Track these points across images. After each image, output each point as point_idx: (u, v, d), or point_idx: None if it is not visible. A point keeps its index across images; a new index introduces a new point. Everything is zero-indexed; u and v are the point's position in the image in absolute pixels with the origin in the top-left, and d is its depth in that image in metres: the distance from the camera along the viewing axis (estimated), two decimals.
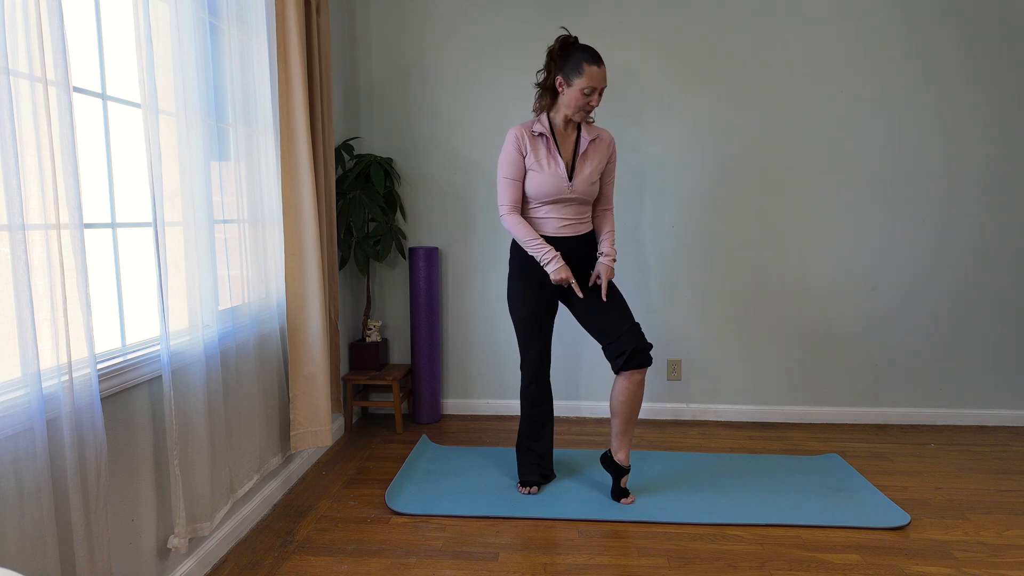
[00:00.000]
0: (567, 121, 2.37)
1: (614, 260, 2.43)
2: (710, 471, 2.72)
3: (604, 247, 2.46)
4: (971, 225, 3.26)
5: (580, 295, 2.35)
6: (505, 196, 2.36)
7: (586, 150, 2.37)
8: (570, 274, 2.32)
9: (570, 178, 2.35)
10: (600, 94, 2.27)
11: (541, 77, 2.41)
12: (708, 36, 3.25)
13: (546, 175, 2.32)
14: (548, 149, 2.35)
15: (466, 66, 3.36)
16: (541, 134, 2.35)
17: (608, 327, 2.36)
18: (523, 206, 2.41)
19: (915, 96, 3.21)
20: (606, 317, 2.37)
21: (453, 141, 3.41)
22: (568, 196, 2.35)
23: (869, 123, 3.24)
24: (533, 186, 2.34)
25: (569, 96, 2.27)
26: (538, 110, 2.41)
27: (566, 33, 2.36)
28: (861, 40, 3.20)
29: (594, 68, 2.22)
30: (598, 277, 2.40)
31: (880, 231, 3.29)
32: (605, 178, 2.49)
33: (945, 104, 3.21)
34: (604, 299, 2.36)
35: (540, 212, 2.38)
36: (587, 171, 2.37)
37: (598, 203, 2.53)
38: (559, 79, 2.29)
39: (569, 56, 2.26)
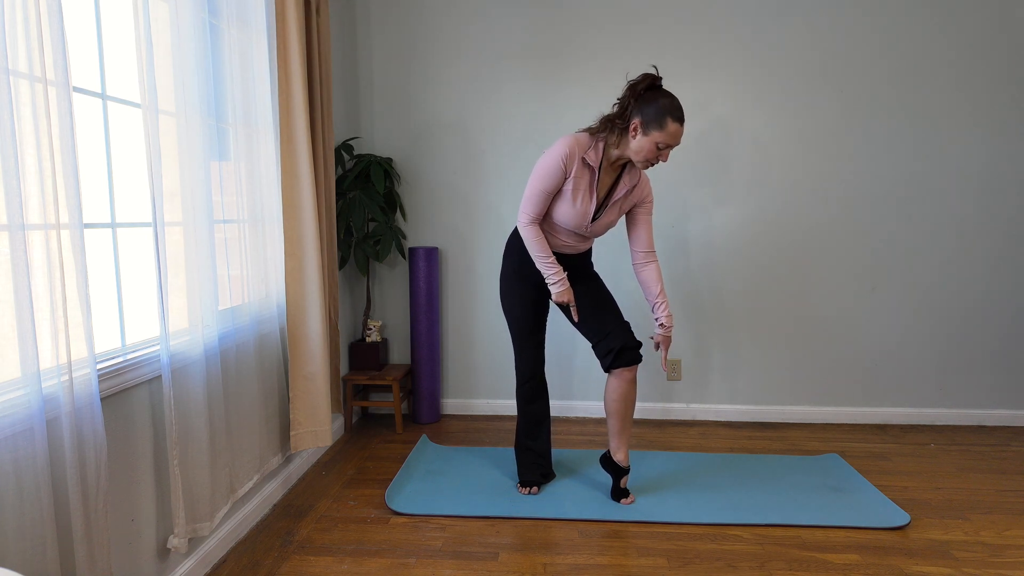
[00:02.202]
0: (618, 160, 2.24)
1: (671, 328, 2.35)
2: (710, 471, 2.72)
3: (660, 313, 2.34)
4: (971, 225, 3.26)
5: (576, 319, 2.34)
6: (532, 206, 2.25)
7: (620, 198, 2.30)
8: (572, 297, 2.30)
9: (593, 218, 2.30)
10: (671, 149, 2.15)
11: (615, 108, 2.20)
12: (707, 35, 3.25)
13: (574, 210, 2.24)
14: (589, 184, 2.23)
15: (466, 65, 3.36)
16: (591, 166, 2.22)
17: (597, 326, 2.36)
18: None
19: (915, 96, 3.21)
20: (595, 316, 2.37)
21: (453, 141, 3.41)
22: (582, 232, 2.33)
23: (869, 122, 3.24)
24: (555, 212, 2.27)
25: (640, 144, 2.12)
26: (598, 135, 2.22)
27: (655, 73, 2.17)
28: (862, 40, 3.20)
29: (676, 126, 2.08)
30: (658, 346, 2.35)
31: (880, 230, 3.29)
32: (641, 219, 2.37)
33: (945, 104, 3.21)
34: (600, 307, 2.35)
35: (551, 229, 2.34)
36: (612, 217, 2.32)
37: (638, 246, 2.38)
38: (636, 123, 2.12)
39: (652, 102, 2.09)
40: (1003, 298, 3.29)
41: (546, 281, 2.33)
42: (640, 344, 2.35)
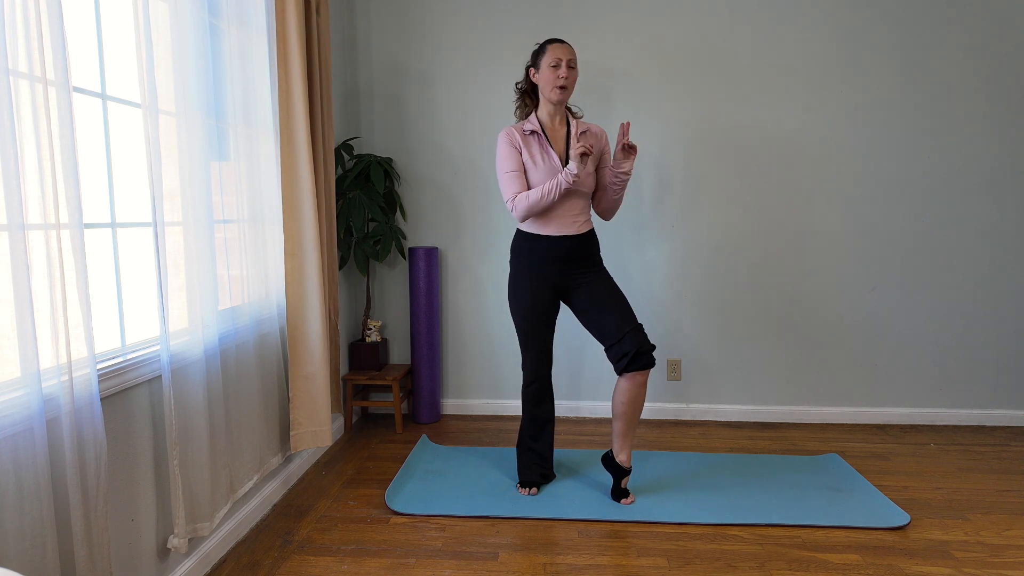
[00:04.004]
0: (553, 115, 2.42)
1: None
2: (710, 471, 2.72)
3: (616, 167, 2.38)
4: (971, 224, 3.26)
5: (586, 158, 2.23)
6: (510, 189, 2.36)
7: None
8: (578, 162, 2.22)
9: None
10: (568, 66, 2.32)
11: (518, 87, 2.49)
12: (707, 35, 3.24)
13: (542, 171, 2.35)
14: (540, 145, 2.39)
15: (465, 66, 3.36)
16: (532, 132, 2.39)
17: (611, 328, 2.35)
18: None
19: (915, 94, 3.21)
20: (609, 318, 2.36)
21: (453, 141, 3.41)
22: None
23: (869, 122, 3.24)
24: (531, 183, 2.36)
25: (543, 80, 2.35)
26: (523, 115, 2.49)
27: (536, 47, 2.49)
28: (860, 39, 3.20)
29: (555, 44, 2.33)
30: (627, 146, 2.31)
31: (880, 230, 3.29)
32: (601, 170, 2.50)
33: (945, 102, 3.21)
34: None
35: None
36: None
37: (597, 194, 2.53)
38: (531, 71, 2.41)
39: (534, 54, 2.40)
40: (1003, 298, 3.29)
41: (563, 188, 2.27)
42: (654, 347, 2.34)
